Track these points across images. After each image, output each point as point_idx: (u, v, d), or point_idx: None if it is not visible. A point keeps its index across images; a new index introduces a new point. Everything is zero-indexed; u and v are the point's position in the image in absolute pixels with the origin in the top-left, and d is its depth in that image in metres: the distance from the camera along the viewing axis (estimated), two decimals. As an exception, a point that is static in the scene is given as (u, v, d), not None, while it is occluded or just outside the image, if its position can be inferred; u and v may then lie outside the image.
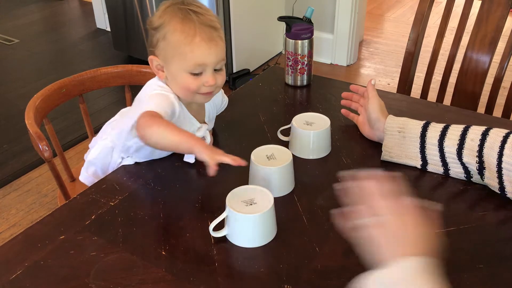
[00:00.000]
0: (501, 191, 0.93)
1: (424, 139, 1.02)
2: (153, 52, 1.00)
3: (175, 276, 0.80)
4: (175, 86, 1.00)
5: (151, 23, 0.99)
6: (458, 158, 0.98)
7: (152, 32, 0.99)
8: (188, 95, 1.00)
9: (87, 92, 1.43)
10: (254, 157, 0.97)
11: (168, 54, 0.97)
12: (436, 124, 1.03)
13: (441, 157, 1.00)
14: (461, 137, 0.97)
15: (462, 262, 0.82)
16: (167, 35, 0.96)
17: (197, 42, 0.94)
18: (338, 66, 3.29)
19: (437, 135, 1.00)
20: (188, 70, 0.96)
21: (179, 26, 0.95)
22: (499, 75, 1.48)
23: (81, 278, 0.79)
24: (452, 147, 0.98)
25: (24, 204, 2.10)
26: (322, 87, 1.41)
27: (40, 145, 1.17)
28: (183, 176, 1.04)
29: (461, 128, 0.99)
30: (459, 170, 0.99)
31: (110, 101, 2.78)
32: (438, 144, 1.00)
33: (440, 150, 1.00)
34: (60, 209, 0.96)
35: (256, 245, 0.86)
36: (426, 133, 1.02)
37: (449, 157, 0.99)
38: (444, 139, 0.99)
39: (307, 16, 1.34)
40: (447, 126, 1.01)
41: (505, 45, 1.45)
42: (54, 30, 3.95)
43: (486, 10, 1.46)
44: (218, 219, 0.85)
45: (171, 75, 1.00)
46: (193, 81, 0.97)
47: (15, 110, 2.75)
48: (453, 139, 0.98)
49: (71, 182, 1.44)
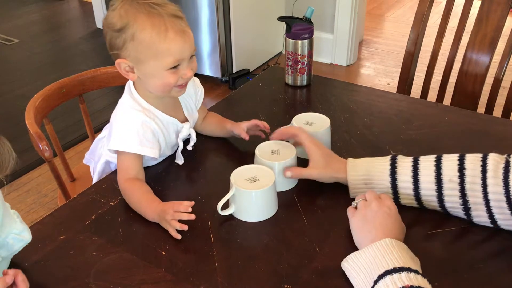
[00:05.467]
0: (493, 224, 0.86)
1: (397, 190, 0.90)
2: (118, 55, 0.95)
3: (175, 276, 0.80)
4: (152, 84, 0.97)
5: (110, 25, 0.92)
6: (440, 205, 0.88)
7: (113, 34, 0.92)
8: (166, 91, 0.97)
9: (87, 92, 1.43)
10: (259, 151, 1.00)
11: (141, 54, 0.92)
12: (404, 162, 0.90)
13: (418, 204, 0.91)
14: (437, 180, 0.87)
15: (462, 262, 0.82)
16: (136, 35, 0.90)
17: (172, 37, 0.91)
18: (338, 66, 3.29)
19: (410, 185, 0.89)
20: (166, 67, 0.93)
21: (148, 23, 0.90)
22: (499, 75, 1.48)
23: (81, 278, 0.79)
24: (431, 196, 0.88)
25: (24, 204, 2.10)
26: (322, 87, 1.41)
27: (40, 145, 1.17)
28: (183, 176, 1.04)
29: (433, 166, 0.88)
30: (440, 212, 0.90)
31: (110, 101, 2.78)
32: (414, 195, 0.90)
33: (417, 200, 0.90)
34: (60, 209, 0.96)
35: (262, 219, 0.92)
36: (396, 183, 0.90)
37: (428, 205, 0.90)
38: (419, 185, 0.88)
39: (307, 16, 1.34)
40: (417, 165, 0.89)
41: (505, 45, 1.45)
42: (54, 30, 3.95)
43: (486, 10, 1.46)
44: (225, 198, 0.90)
45: (145, 74, 0.95)
46: (171, 76, 0.94)
47: (15, 110, 2.75)
48: (430, 184, 0.87)
49: (71, 182, 1.44)
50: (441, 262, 0.82)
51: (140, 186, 0.96)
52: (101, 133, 1.20)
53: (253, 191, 0.90)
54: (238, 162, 0.97)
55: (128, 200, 0.95)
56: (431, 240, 0.86)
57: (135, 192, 0.95)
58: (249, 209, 0.91)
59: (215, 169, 1.09)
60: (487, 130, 1.17)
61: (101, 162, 1.14)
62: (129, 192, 0.95)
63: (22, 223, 0.80)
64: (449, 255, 0.84)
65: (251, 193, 0.90)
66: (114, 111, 1.02)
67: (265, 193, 0.90)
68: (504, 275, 0.80)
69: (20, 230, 0.80)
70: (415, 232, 0.88)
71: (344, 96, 1.34)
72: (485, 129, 1.17)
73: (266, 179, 0.92)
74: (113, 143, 0.97)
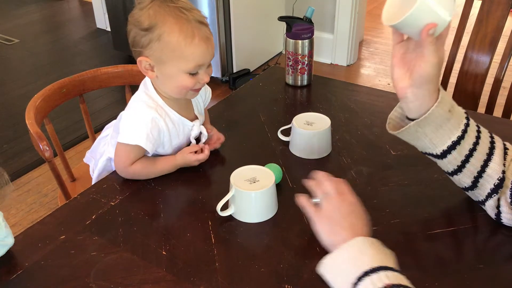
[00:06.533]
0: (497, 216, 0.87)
1: (464, 135, 0.84)
2: (142, 53, 0.96)
3: (176, 276, 0.80)
4: (169, 85, 1.00)
5: (138, 23, 0.94)
6: (483, 165, 0.86)
7: (140, 32, 0.94)
8: (182, 93, 1.00)
9: (87, 92, 1.43)
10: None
11: (164, 56, 0.95)
12: (472, 123, 0.87)
13: (466, 156, 0.86)
14: (490, 149, 0.86)
15: (462, 262, 0.82)
16: (163, 36, 0.92)
17: (197, 43, 0.93)
18: (338, 66, 3.29)
19: (470, 147, 0.85)
20: (187, 71, 0.96)
21: (176, 27, 0.92)
22: (499, 75, 1.48)
23: (81, 278, 0.79)
24: (480, 157, 0.86)
25: (24, 204, 2.10)
26: (322, 87, 1.41)
27: (40, 145, 1.17)
28: (183, 176, 1.04)
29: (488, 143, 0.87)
30: (466, 180, 0.88)
31: (110, 101, 2.78)
32: (468, 153, 0.85)
33: (471, 149, 0.85)
34: (60, 209, 0.96)
35: (262, 220, 0.91)
36: (467, 128, 0.85)
37: (472, 166, 0.86)
38: (478, 144, 0.85)
39: (307, 16, 1.34)
40: (480, 131, 0.87)
41: (505, 45, 1.45)
42: (54, 30, 3.95)
43: (486, 10, 1.46)
44: (224, 199, 0.90)
45: (164, 75, 0.98)
46: (190, 80, 0.97)
47: (15, 110, 2.75)
48: (482, 155, 0.86)
49: (71, 182, 1.44)
50: (441, 262, 0.82)
51: (145, 159, 1.03)
52: (103, 132, 1.20)
53: (253, 191, 0.89)
54: (238, 163, 0.97)
55: (146, 174, 1.02)
56: (431, 240, 0.86)
57: (147, 165, 1.02)
58: (249, 210, 0.91)
59: (215, 169, 1.09)
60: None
61: (103, 159, 1.14)
62: (141, 169, 1.02)
63: (7, 228, 0.80)
64: (450, 255, 0.84)
65: (251, 194, 0.90)
66: (127, 106, 1.04)
67: (265, 194, 0.90)
68: (504, 275, 0.80)
69: (4, 236, 0.80)
70: (416, 232, 0.88)
71: (344, 96, 1.35)
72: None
73: (266, 180, 0.92)
74: (124, 136, 1.00)
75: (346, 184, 0.82)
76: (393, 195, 0.97)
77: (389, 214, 0.92)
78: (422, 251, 0.82)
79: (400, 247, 0.86)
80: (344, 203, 0.80)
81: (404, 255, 0.83)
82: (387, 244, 0.87)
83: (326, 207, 0.80)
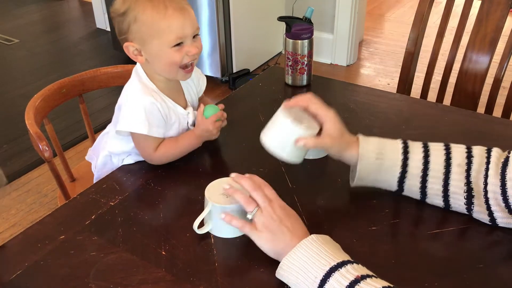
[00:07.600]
0: (490, 216, 0.86)
1: (406, 170, 0.89)
2: (126, 39, 0.99)
3: (175, 276, 0.80)
4: (158, 65, 1.00)
5: (116, 10, 0.98)
6: (444, 193, 0.88)
7: (119, 19, 0.98)
8: (173, 70, 1.00)
9: (87, 92, 1.43)
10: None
11: (145, 35, 0.96)
12: (415, 144, 0.91)
13: (421, 188, 0.90)
14: (446, 163, 0.87)
15: (462, 262, 0.82)
16: (138, 16, 0.95)
17: (171, 14, 0.94)
18: (338, 66, 3.29)
19: (420, 165, 0.88)
20: (169, 45, 0.96)
21: (148, 4, 0.94)
22: (499, 75, 1.48)
23: (81, 278, 0.79)
24: (438, 179, 0.88)
25: (24, 204, 2.10)
26: (322, 87, 1.41)
27: (40, 145, 1.17)
28: (183, 176, 1.04)
29: (443, 150, 0.89)
30: (439, 202, 0.90)
31: (110, 101, 2.78)
32: (422, 176, 0.89)
33: (422, 183, 0.89)
34: (60, 209, 0.96)
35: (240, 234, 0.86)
36: (407, 162, 0.89)
37: (431, 193, 0.90)
38: (429, 167, 0.88)
39: (307, 16, 1.34)
40: (427, 147, 0.90)
41: (505, 45, 1.45)
42: (54, 30, 3.95)
43: (486, 10, 1.46)
44: (202, 215, 0.85)
45: (152, 55, 0.99)
46: (176, 54, 0.98)
47: (15, 110, 2.75)
48: (439, 166, 0.88)
49: (71, 182, 1.44)
50: (441, 262, 0.82)
51: (167, 141, 1.04)
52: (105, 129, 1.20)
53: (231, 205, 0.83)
54: (238, 162, 0.97)
55: (173, 155, 1.04)
56: (431, 240, 0.86)
57: (170, 146, 1.04)
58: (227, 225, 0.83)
59: (215, 169, 1.08)
60: (487, 130, 1.17)
61: (103, 154, 1.14)
62: (165, 151, 1.03)
63: None
64: (450, 255, 0.84)
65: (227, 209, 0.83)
66: (120, 96, 1.05)
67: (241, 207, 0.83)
68: (504, 275, 0.80)
69: None
70: (416, 232, 0.88)
71: (344, 96, 1.34)
72: (485, 129, 1.17)
73: None
74: (122, 124, 1.00)
75: (261, 180, 0.84)
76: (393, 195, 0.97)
77: (389, 214, 0.92)
78: (422, 251, 0.82)
79: (401, 247, 0.86)
80: (276, 209, 0.80)
81: (404, 255, 0.84)
82: (387, 244, 0.87)
83: (260, 219, 0.79)
